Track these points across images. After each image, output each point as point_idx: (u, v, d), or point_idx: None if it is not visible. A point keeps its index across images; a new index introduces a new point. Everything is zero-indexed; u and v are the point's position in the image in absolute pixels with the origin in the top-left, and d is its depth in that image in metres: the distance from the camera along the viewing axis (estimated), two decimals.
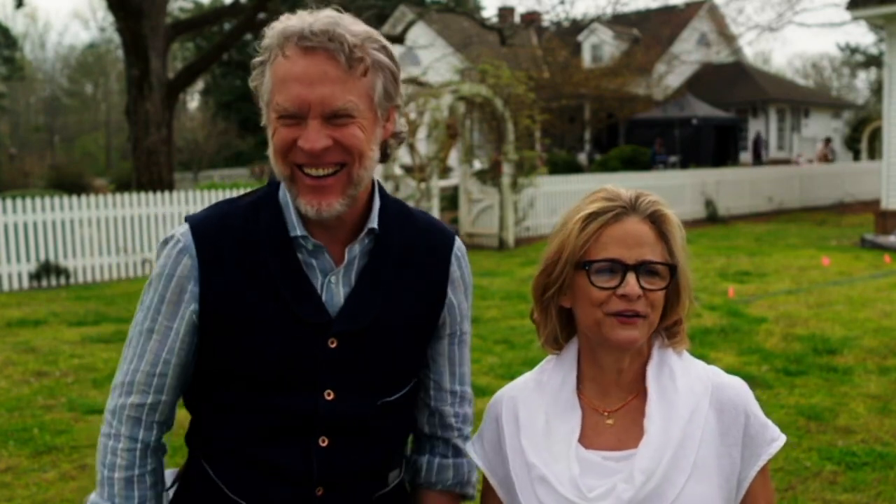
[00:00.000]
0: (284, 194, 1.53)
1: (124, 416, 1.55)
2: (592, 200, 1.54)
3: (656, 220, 1.52)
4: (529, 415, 1.56)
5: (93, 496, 1.59)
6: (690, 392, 1.52)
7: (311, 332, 1.51)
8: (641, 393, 1.54)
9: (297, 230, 1.51)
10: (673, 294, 1.53)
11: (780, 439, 1.54)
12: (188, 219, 1.58)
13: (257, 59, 1.50)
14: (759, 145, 30.36)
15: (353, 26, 1.45)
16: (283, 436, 1.53)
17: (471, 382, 1.78)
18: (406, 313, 1.58)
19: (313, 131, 1.43)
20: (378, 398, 1.57)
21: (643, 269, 1.48)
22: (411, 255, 1.60)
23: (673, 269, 1.51)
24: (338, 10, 1.49)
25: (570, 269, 1.52)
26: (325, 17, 1.45)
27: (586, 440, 1.52)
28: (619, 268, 1.47)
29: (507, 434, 1.59)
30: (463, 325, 1.70)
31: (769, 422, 1.54)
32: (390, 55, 1.49)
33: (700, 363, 1.59)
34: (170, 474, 1.69)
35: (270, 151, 1.49)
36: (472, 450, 1.66)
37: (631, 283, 1.46)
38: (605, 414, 1.54)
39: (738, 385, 1.56)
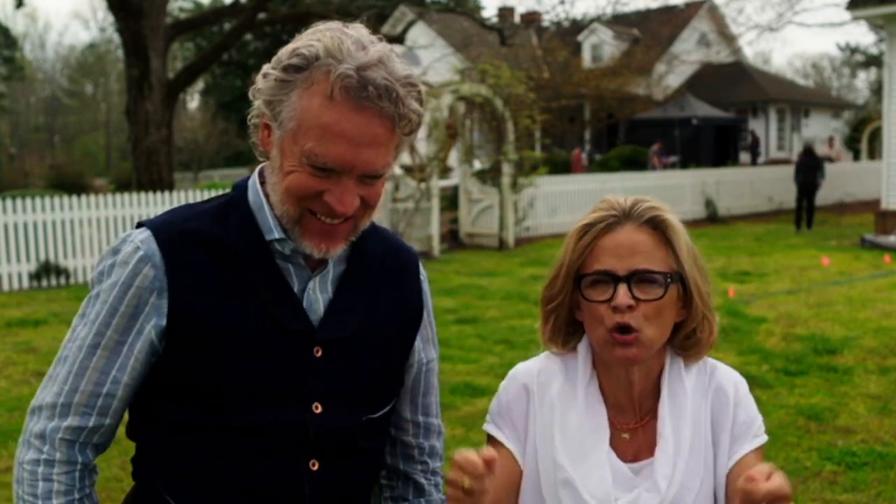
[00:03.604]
0: (256, 197, 1.43)
1: (57, 440, 1.39)
2: (593, 211, 1.52)
3: (657, 226, 1.48)
4: (564, 408, 1.52)
5: None
6: (695, 392, 1.51)
7: (296, 341, 1.41)
8: (656, 410, 1.52)
9: (275, 233, 1.40)
10: (684, 303, 1.49)
11: (763, 438, 1.51)
12: (146, 224, 1.42)
13: (280, 74, 1.34)
14: (755, 145, 30.26)
15: (399, 69, 1.34)
16: (271, 459, 1.41)
17: (439, 414, 1.67)
18: (386, 322, 1.51)
19: (348, 193, 1.34)
20: (363, 414, 1.48)
21: (636, 278, 1.43)
22: (385, 265, 1.54)
23: (672, 276, 1.46)
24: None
25: (570, 282, 1.50)
26: (376, 57, 1.31)
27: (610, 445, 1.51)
28: (609, 279, 1.44)
29: (540, 416, 1.54)
30: (428, 352, 1.61)
31: (759, 418, 1.52)
32: (422, 99, 1.39)
33: (705, 358, 1.57)
34: None
35: (278, 185, 1.37)
36: (491, 426, 1.59)
37: (621, 294, 1.42)
38: (622, 429, 1.52)
39: (732, 373, 1.56)
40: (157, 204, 12.63)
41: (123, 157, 40.20)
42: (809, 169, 17.38)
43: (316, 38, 1.33)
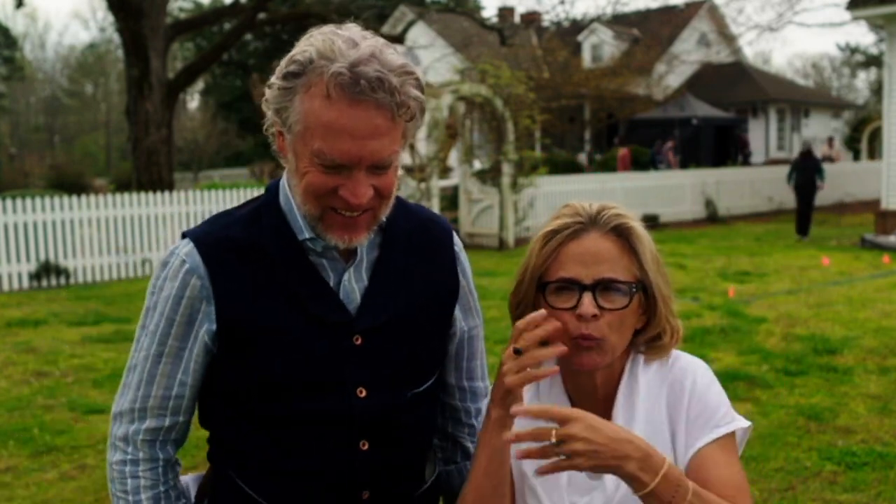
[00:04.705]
0: (287, 199, 1.51)
1: (139, 441, 1.54)
2: (556, 217, 1.51)
3: (622, 234, 1.47)
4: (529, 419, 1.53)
5: None
6: (650, 387, 1.49)
7: (335, 333, 1.49)
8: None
9: (306, 233, 1.48)
10: (649, 310, 1.49)
11: (725, 428, 1.44)
12: (189, 235, 1.53)
13: (281, 83, 1.40)
14: (744, 146, 30.13)
15: (393, 59, 1.38)
16: (323, 443, 1.50)
17: (485, 377, 1.76)
18: (423, 301, 1.57)
19: (360, 185, 1.40)
20: (407, 390, 1.56)
21: (600, 287, 1.43)
22: (417, 244, 1.59)
23: (636, 285, 1.46)
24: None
25: (533, 288, 1.49)
26: (368, 52, 1.36)
27: None
28: (575, 287, 1.43)
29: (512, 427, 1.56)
30: (469, 321, 1.69)
31: (722, 406, 1.46)
32: (421, 86, 1.44)
33: (674, 352, 1.54)
34: (189, 480, 1.66)
35: (297, 187, 1.44)
36: None
37: (586, 303, 1.41)
38: None
39: (691, 364, 1.51)
40: (157, 204, 12.64)
41: (123, 157, 40.21)
42: (806, 170, 16.38)
43: (309, 43, 1.40)
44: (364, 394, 1.51)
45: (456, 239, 1.68)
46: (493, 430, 1.44)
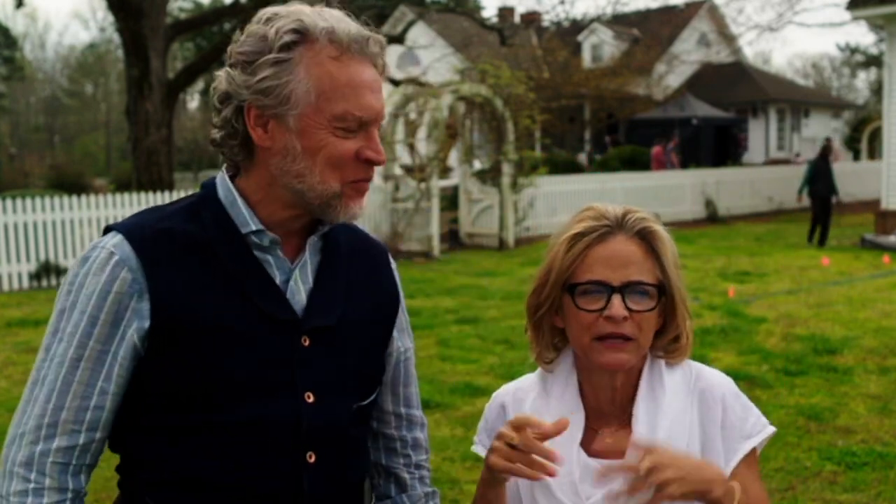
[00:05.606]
0: (227, 193, 1.42)
1: (48, 465, 1.32)
2: (580, 219, 1.53)
3: (645, 238, 1.50)
4: (538, 415, 1.52)
5: None
6: (675, 391, 1.52)
7: (283, 331, 1.40)
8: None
9: (252, 225, 1.39)
10: (668, 312, 1.52)
11: (758, 435, 1.51)
12: (115, 228, 1.39)
13: (276, 56, 1.33)
14: (738, 144, 30.04)
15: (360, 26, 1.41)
16: (266, 453, 1.38)
17: (420, 405, 1.67)
18: (366, 310, 1.51)
19: (378, 141, 1.38)
20: (353, 401, 1.48)
21: (629, 290, 1.46)
22: (358, 257, 1.55)
23: (662, 287, 1.49)
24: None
25: (558, 290, 1.52)
26: (341, 15, 1.38)
27: (586, 446, 1.52)
28: (604, 289, 1.46)
29: None
30: (404, 342, 1.61)
31: (751, 416, 1.52)
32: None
33: (688, 361, 1.58)
34: None
35: (309, 168, 1.35)
36: (479, 446, 1.63)
37: (616, 305, 1.45)
38: (606, 433, 1.53)
39: (717, 376, 1.56)
40: (157, 204, 12.62)
41: (123, 157, 40.17)
42: (826, 175, 15.08)
43: (285, 16, 1.36)
44: (312, 399, 1.41)
45: (391, 258, 1.64)
46: (486, 485, 1.49)
